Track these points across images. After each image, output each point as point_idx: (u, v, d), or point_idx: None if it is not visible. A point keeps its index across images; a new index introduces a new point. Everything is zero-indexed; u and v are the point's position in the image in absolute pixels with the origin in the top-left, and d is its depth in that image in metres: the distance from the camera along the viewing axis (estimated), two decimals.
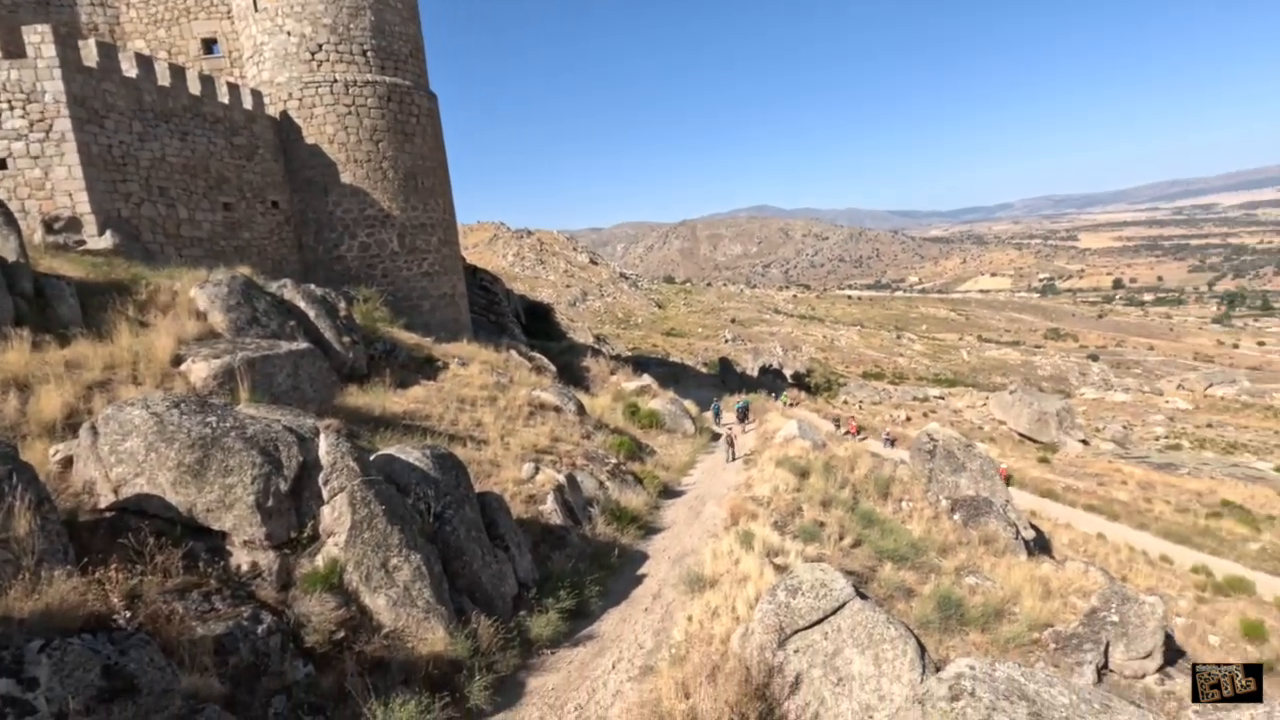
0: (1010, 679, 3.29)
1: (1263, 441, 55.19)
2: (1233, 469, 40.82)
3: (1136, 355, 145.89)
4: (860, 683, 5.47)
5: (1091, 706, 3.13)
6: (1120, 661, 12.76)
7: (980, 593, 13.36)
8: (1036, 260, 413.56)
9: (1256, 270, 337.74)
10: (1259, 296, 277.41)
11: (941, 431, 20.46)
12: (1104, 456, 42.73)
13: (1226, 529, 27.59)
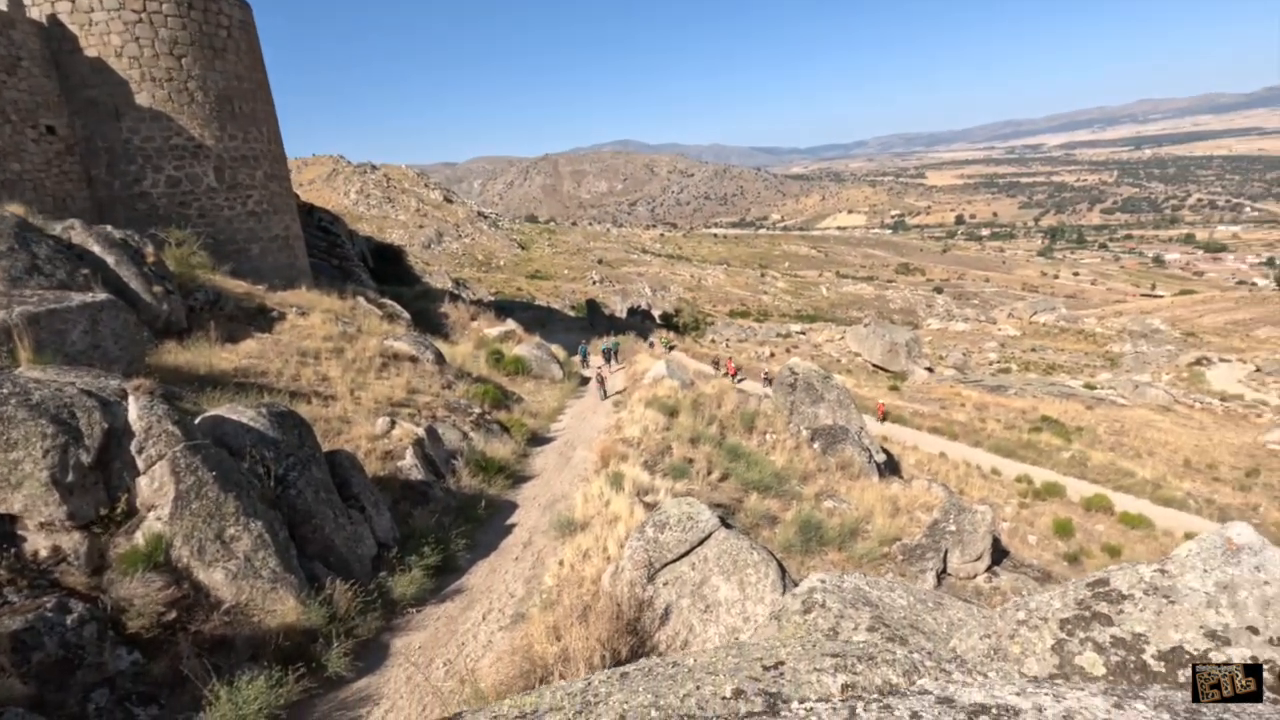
0: (856, 588, 3.66)
1: (1075, 362, 63.45)
2: (1051, 387, 46.73)
3: (975, 287, 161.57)
4: (727, 607, 5.84)
5: (926, 605, 3.55)
6: (957, 565, 14.51)
7: (838, 515, 14.59)
8: (889, 198, 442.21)
9: (1074, 206, 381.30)
10: (1075, 231, 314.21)
11: (802, 365, 21.77)
12: (946, 382, 47.47)
13: (1044, 441, 31.70)
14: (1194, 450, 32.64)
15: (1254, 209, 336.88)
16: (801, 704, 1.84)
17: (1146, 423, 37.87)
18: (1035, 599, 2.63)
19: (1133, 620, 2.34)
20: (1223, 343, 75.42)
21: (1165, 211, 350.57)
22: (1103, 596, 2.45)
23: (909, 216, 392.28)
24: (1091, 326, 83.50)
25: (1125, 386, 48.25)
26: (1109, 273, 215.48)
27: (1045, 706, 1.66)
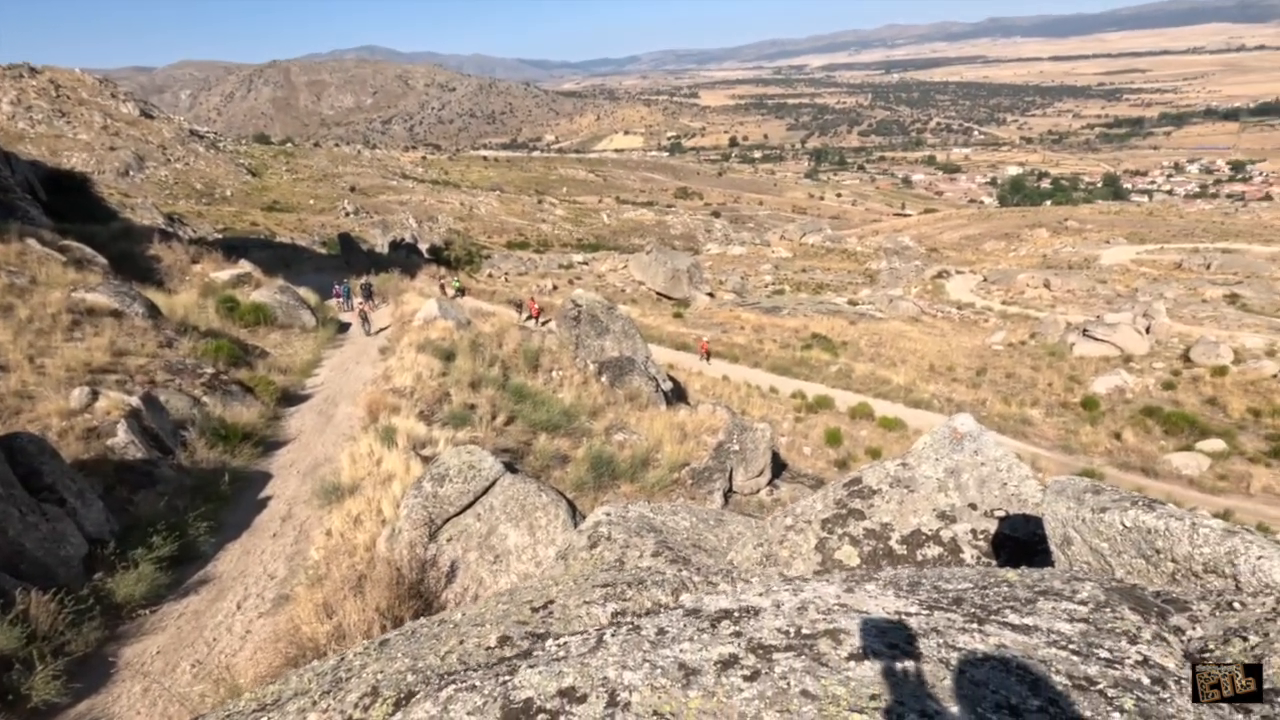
0: (641, 517, 3.90)
1: (840, 280, 71.30)
2: (820, 306, 52.23)
3: (750, 211, 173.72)
4: (517, 555, 5.93)
5: (708, 524, 3.89)
6: (741, 482, 15.98)
7: (629, 446, 15.30)
8: (665, 118, 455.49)
9: (835, 129, 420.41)
10: (837, 153, 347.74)
11: (585, 296, 22.17)
12: (726, 306, 51.10)
13: (815, 357, 35.55)
14: (937, 356, 38.47)
15: (981, 133, 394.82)
16: (555, 640, 1.96)
17: (900, 334, 43.84)
18: (801, 504, 2.99)
19: (881, 512, 2.76)
20: (958, 256, 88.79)
21: (912, 134, 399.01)
22: (857, 494, 2.85)
23: (685, 138, 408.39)
24: (853, 246, 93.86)
25: (882, 301, 55.24)
26: (867, 193, 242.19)
27: (783, 602, 1.92)
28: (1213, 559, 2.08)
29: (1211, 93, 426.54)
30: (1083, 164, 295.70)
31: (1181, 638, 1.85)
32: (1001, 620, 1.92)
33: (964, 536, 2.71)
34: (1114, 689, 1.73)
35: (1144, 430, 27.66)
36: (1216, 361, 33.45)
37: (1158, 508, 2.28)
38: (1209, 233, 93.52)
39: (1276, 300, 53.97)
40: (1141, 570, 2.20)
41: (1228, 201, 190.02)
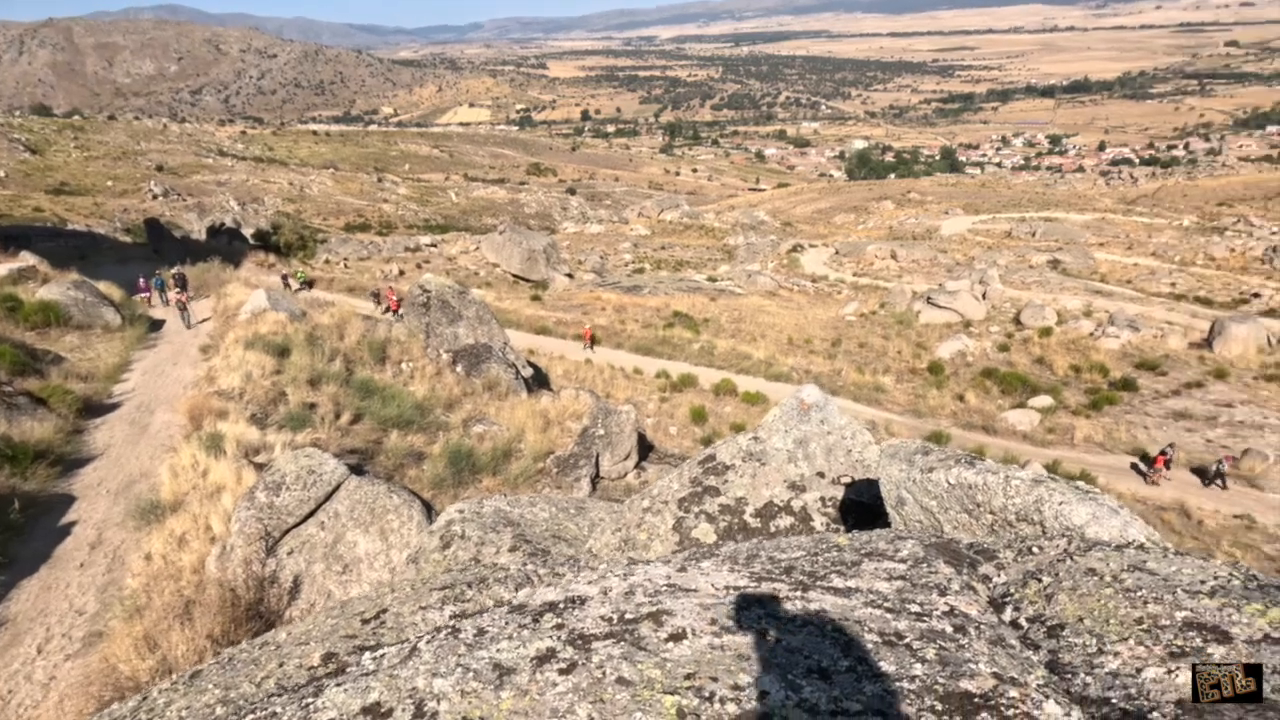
0: (497, 511, 3.87)
1: (700, 257, 73.22)
2: (680, 283, 53.45)
3: (606, 187, 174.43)
4: (369, 562, 5.72)
5: (568, 513, 3.92)
6: (608, 467, 16.16)
7: (489, 438, 15.09)
8: (512, 90, 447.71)
9: (688, 102, 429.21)
10: (691, 127, 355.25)
11: (434, 281, 21.53)
12: (586, 287, 51.24)
13: (678, 336, 36.40)
14: (795, 329, 40.43)
15: (828, 107, 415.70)
16: (373, 654, 1.93)
17: (759, 308, 45.68)
18: (657, 485, 3.08)
19: (735, 487, 2.89)
20: (811, 230, 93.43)
21: (763, 108, 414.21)
22: (711, 471, 2.97)
23: (535, 111, 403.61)
24: (711, 222, 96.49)
25: (741, 277, 57.28)
26: (722, 168, 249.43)
27: (612, 588, 1.99)
28: (1023, 508, 2.35)
29: (1031, 70, 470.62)
30: (922, 138, 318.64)
31: (989, 585, 2.08)
32: (826, 585, 2.08)
33: (814, 505, 2.90)
34: (919, 641, 1.91)
35: (984, 391, 30.39)
36: (1043, 323, 37.22)
37: (977, 464, 2.54)
38: (1033, 203, 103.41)
39: (1091, 265, 60.62)
40: (965, 524, 2.45)
41: (1048, 173, 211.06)
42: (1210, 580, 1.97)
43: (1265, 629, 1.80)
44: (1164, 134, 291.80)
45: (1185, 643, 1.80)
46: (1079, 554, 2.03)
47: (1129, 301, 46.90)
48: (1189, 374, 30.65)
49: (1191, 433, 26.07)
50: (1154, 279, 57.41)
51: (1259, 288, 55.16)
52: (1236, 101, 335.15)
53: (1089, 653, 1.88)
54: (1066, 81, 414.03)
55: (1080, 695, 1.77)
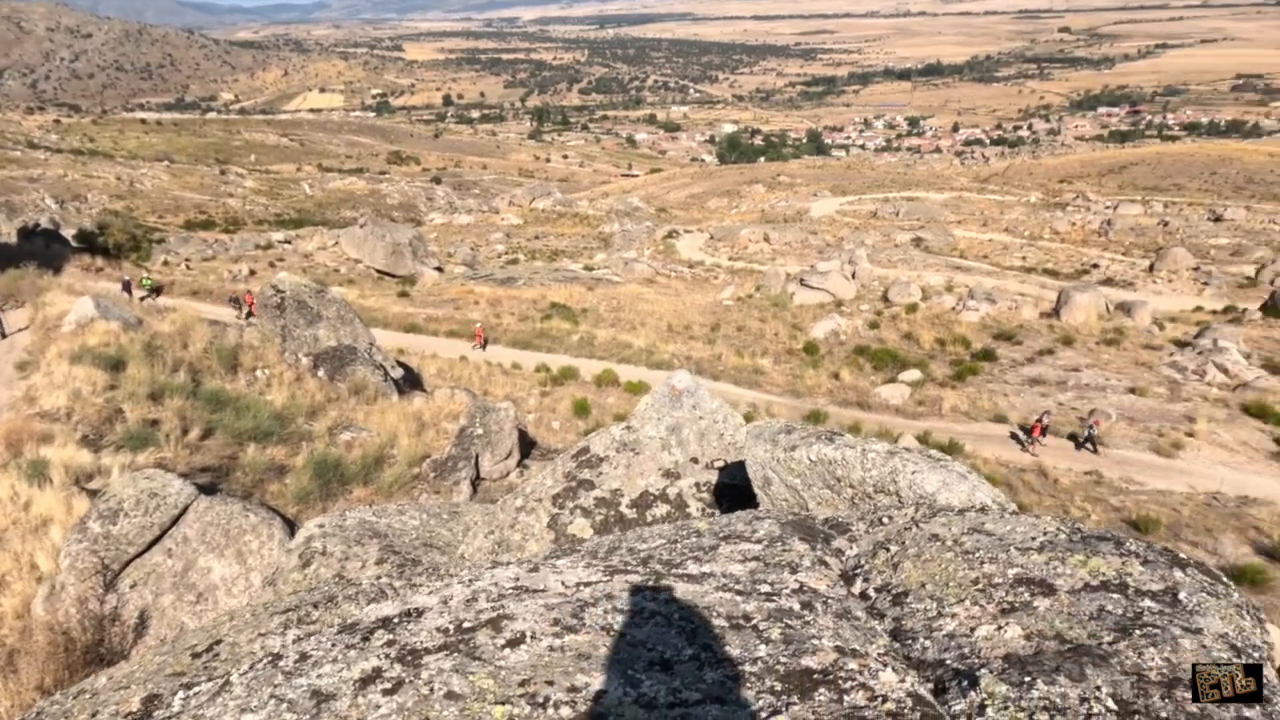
0: (362, 523, 3.74)
1: (575, 246, 73.08)
2: (556, 273, 53.19)
3: (474, 175, 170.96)
4: (226, 589, 5.40)
5: (441, 519, 3.84)
6: (489, 467, 15.93)
7: (359, 446, 14.54)
8: (366, 74, 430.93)
9: (555, 86, 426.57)
10: (559, 112, 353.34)
11: (289, 280, 20.50)
12: (458, 281, 50.11)
13: (556, 327, 36.24)
14: (674, 315, 41.09)
15: (696, 90, 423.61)
16: (187, 692, 1.84)
17: (637, 296, 46.12)
18: (531, 483, 3.07)
19: (610, 478, 2.92)
20: (686, 215, 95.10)
21: (631, 92, 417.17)
22: (586, 464, 2.99)
23: (392, 96, 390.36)
24: (585, 209, 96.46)
25: (617, 264, 57.62)
26: (593, 154, 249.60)
27: (453, 596, 1.99)
28: (880, 480, 2.50)
29: (888, 54, 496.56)
30: (789, 120, 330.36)
31: (841, 558, 2.21)
32: (681, 573, 2.15)
33: (689, 491, 2.97)
34: (766, 622, 2.01)
35: (857, 368, 31.93)
36: (909, 300, 39.48)
37: (836, 440, 2.68)
38: (896, 183, 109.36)
39: (950, 242, 64.78)
40: (828, 499, 2.59)
41: (908, 154, 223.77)
42: (1040, 537, 2.16)
43: (1085, 578, 2.00)
44: (1010, 115, 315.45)
45: (1015, 598, 1.97)
46: (924, 521, 2.19)
47: (986, 276, 50.50)
48: (1041, 342, 33.31)
49: (1045, 397, 28.35)
50: (1007, 253, 62.04)
51: (1097, 258, 60.69)
52: (1071, 85, 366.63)
53: (929, 617, 2.02)
54: (921, 65, 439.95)
55: (919, 660, 1.90)
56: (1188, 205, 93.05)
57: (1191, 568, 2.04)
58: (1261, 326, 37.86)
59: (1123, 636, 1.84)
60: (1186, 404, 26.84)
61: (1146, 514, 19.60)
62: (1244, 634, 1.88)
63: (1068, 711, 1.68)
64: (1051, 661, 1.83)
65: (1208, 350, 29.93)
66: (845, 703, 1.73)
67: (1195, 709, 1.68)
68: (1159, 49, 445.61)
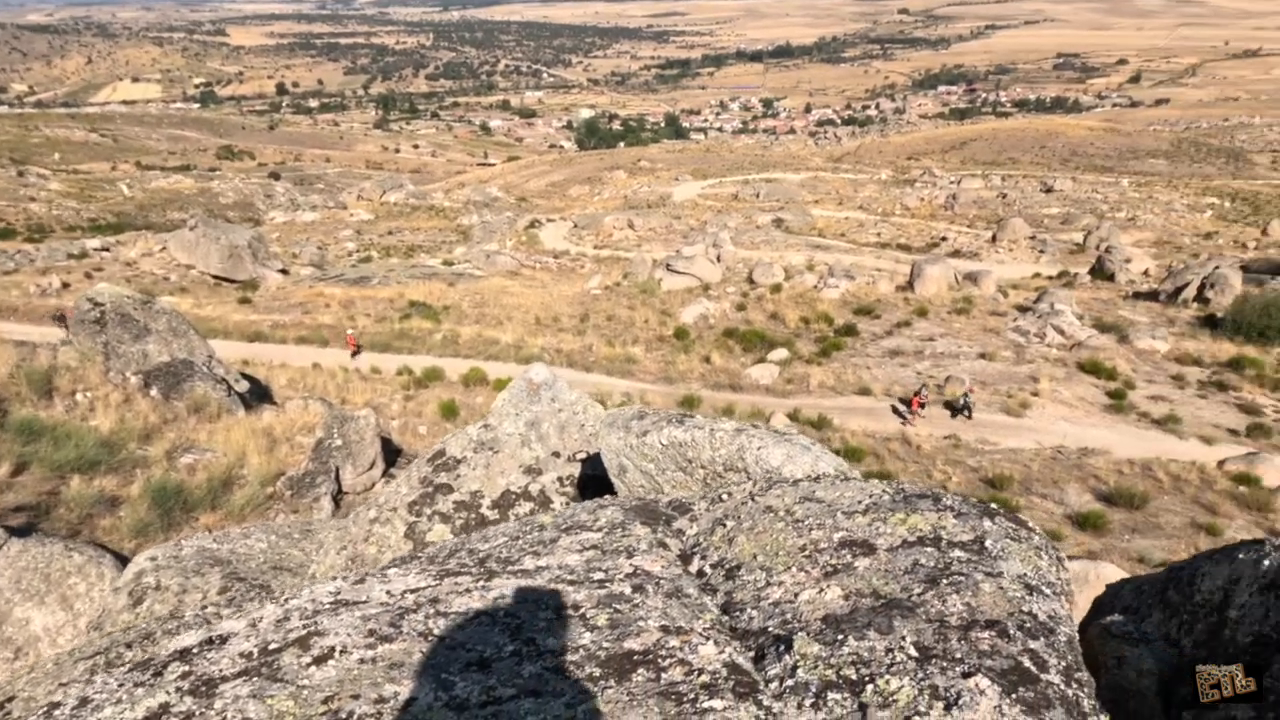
0: (201, 550, 3.55)
1: (433, 240, 71.27)
2: (414, 270, 51.72)
3: (316, 169, 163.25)
4: (49, 640, 4.97)
5: (292, 539, 3.69)
6: (352, 480, 15.36)
7: (202, 468, 13.68)
8: (187, 61, 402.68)
9: (399, 72, 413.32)
10: (406, 100, 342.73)
11: (109, 292, 18.94)
12: (305, 283, 47.81)
13: (417, 327, 35.30)
14: (541, 308, 40.91)
15: (549, 75, 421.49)
16: None
17: (502, 289, 45.57)
18: (385, 491, 3.01)
19: (469, 480, 2.91)
20: (547, 204, 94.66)
21: (482, 77, 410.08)
22: (442, 467, 2.97)
23: (218, 86, 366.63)
24: (440, 201, 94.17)
25: (479, 258, 56.68)
26: (446, 143, 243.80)
27: (264, 618, 1.96)
28: (729, 458, 2.63)
29: (739, 36, 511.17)
30: (646, 104, 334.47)
31: (682, 539, 2.33)
32: (516, 569, 2.20)
33: (551, 486, 3.01)
34: (595, 609, 2.10)
35: (728, 350, 32.90)
36: (773, 280, 40.99)
37: (686, 422, 2.80)
38: (754, 165, 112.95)
39: (809, 221, 67.67)
40: (682, 482, 2.70)
41: (764, 136, 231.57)
42: (866, 499, 2.35)
43: (904, 535, 2.19)
44: (858, 95, 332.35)
45: (838, 561, 2.14)
46: (760, 494, 2.33)
47: (844, 253, 53.15)
48: (898, 315, 35.44)
49: (905, 367, 30.21)
50: (863, 230, 65.43)
51: (945, 231, 65.03)
52: (912, 65, 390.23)
53: (758, 587, 2.16)
54: (771, 47, 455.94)
55: (745, 630, 2.03)
56: (1022, 178, 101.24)
57: (1000, 517, 2.29)
58: (1091, 289, 41.82)
59: (931, 587, 2.03)
60: (1030, 365, 29.30)
61: (1001, 472, 21.29)
62: (1040, 572, 2.12)
63: (872, 663, 1.85)
64: (865, 618, 1.99)
65: (1046, 314, 32.74)
66: (663, 680, 1.83)
67: (987, 645, 1.88)
68: (989, 30, 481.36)
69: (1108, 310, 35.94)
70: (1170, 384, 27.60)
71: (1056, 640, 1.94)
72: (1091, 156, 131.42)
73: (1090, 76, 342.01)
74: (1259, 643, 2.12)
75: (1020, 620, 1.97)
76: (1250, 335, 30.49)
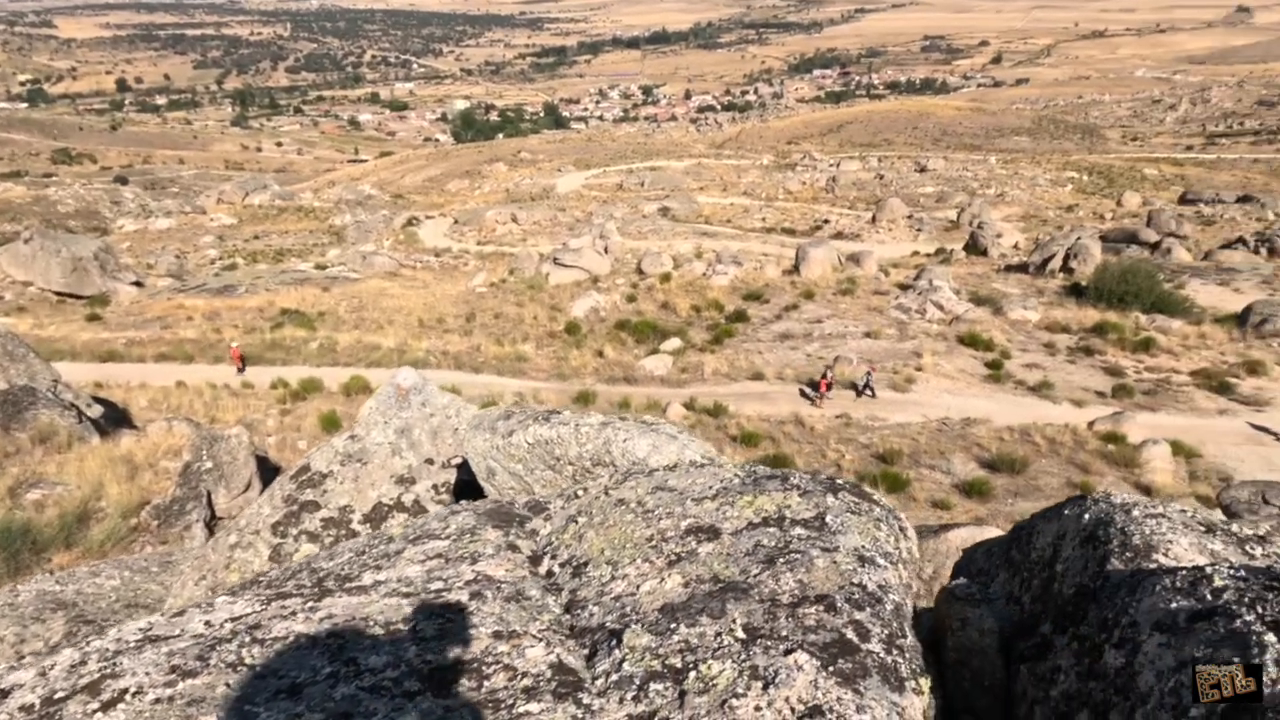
0: (41, 594, 3.33)
1: (304, 243, 68.52)
2: (284, 276, 49.60)
3: (169, 172, 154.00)
4: None
5: (149, 572, 3.52)
6: (226, 504, 14.67)
7: (53, 503, 12.79)
8: (9, 56, 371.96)
9: (256, 65, 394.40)
10: (266, 95, 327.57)
11: None
12: (163, 295, 45.10)
13: (290, 336, 33.90)
14: (424, 309, 40.01)
15: (420, 65, 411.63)
16: None
17: (381, 292, 44.30)
18: (246, 514, 2.92)
19: (337, 495, 2.86)
20: (425, 200, 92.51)
21: (348, 70, 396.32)
22: (308, 483, 2.90)
23: (48, 83, 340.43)
24: (310, 202, 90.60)
25: (354, 260, 54.88)
26: (312, 140, 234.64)
27: (56, 664, 1.89)
28: (595, 452, 2.69)
29: (614, 22, 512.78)
30: (523, 94, 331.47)
31: (536, 539, 2.37)
32: (352, 586, 2.19)
33: (426, 495, 2.99)
34: (426, 620, 2.12)
35: (620, 343, 33.09)
36: (662, 270, 41.46)
37: (552, 418, 2.83)
38: (637, 154, 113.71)
39: (695, 209, 68.72)
40: (552, 481, 2.73)
41: (646, 124, 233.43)
42: (717, 485, 2.46)
43: (750, 518, 2.30)
44: (736, 80, 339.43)
45: (683, 549, 2.23)
46: (615, 487, 2.40)
47: (731, 239, 54.28)
48: (786, 299, 36.50)
49: (795, 350, 31.17)
50: (748, 216, 66.92)
51: (827, 214, 67.27)
52: (787, 49, 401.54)
53: (603, 582, 2.23)
54: (648, 33, 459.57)
55: (584, 627, 2.10)
56: (897, 158, 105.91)
57: (844, 491, 2.43)
58: (966, 264, 44.24)
59: (768, 567, 2.15)
60: (914, 341, 30.76)
61: (891, 447, 22.28)
62: (878, 543, 2.28)
63: (699, 649, 1.94)
64: (700, 604, 2.08)
65: (926, 291, 34.43)
66: (484, 688, 1.86)
67: (813, 620, 2.01)
68: (858, 13, 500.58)
69: (982, 284, 38.12)
70: (1043, 352, 29.54)
71: (883, 609, 2.07)
72: (961, 135, 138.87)
73: (956, 58, 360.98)
74: (1079, 593, 2.33)
75: (850, 593, 2.09)
76: (1111, 301, 32.98)
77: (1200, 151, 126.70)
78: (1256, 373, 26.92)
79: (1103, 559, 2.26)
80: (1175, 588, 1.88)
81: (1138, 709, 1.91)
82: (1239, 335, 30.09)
